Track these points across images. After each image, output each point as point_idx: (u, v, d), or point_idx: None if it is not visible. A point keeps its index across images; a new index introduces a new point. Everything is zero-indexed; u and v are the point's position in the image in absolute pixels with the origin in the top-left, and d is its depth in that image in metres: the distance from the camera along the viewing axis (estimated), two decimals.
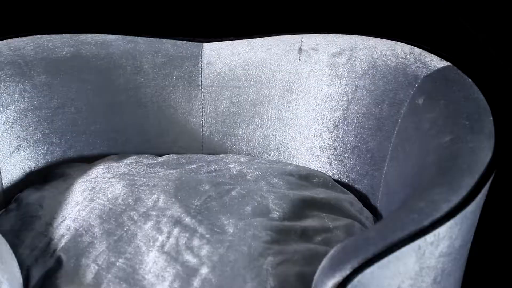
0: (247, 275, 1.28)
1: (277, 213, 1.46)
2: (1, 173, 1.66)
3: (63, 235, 1.42)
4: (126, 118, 1.78)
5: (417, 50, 1.61)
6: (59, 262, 1.35)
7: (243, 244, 1.35)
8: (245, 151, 1.78)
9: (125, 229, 1.40)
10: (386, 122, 1.58)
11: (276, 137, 1.74)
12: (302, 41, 1.72)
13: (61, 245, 1.39)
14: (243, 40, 1.79)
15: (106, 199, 1.49)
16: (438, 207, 1.19)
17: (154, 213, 1.44)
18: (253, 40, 1.78)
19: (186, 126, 1.79)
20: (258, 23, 2.17)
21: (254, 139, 1.76)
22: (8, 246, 1.28)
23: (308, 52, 1.71)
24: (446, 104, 1.43)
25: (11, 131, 1.67)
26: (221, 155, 1.74)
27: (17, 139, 1.68)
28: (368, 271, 1.12)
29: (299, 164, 1.71)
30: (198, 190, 1.51)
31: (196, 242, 1.36)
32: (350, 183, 1.66)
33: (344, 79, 1.65)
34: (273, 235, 1.38)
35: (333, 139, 1.67)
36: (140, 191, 1.50)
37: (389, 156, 1.56)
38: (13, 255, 1.29)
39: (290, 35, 1.77)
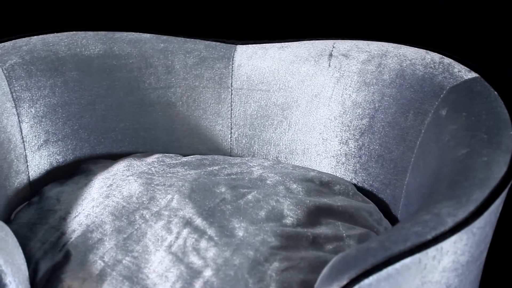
0: (250, 280, 1.27)
1: (291, 219, 1.44)
2: (28, 166, 1.68)
3: (74, 230, 1.43)
4: (155, 117, 1.79)
5: (447, 60, 1.58)
6: (66, 256, 1.36)
7: (250, 248, 1.34)
8: (272, 155, 1.76)
9: (136, 228, 1.41)
10: (410, 132, 1.55)
11: (303, 142, 1.72)
12: (333, 47, 1.70)
13: (71, 240, 1.40)
14: (275, 43, 1.78)
15: (121, 196, 1.50)
16: (443, 220, 1.16)
17: (166, 213, 1.44)
18: (285, 43, 1.77)
19: (215, 128, 1.79)
20: (292, 26, 2.16)
21: (281, 144, 1.75)
22: (15, 239, 1.30)
23: (338, 58, 1.69)
24: (467, 116, 1.39)
25: (40, 125, 1.69)
26: (246, 158, 1.74)
27: (45, 133, 1.70)
28: (366, 282, 1.10)
29: (324, 171, 1.69)
30: (214, 192, 1.50)
31: (203, 244, 1.35)
32: (373, 192, 1.63)
33: (372, 86, 1.63)
34: (282, 241, 1.37)
35: (358, 147, 1.64)
36: (156, 190, 1.51)
37: (411, 166, 1.53)
38: (20, 248, 1.31)
39: (322, 40, 1.75)
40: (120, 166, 1.64)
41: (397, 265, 1.12)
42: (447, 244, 1.15)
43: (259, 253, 1.33)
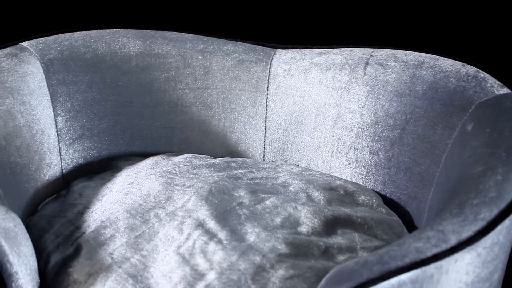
0: (252, 286, 1.26)
1: (306, 227, 1.43)
2: (62, 160, 1.71)
3: (89, 226, 1.44)
4: (190, 117, 1.79)
5: (482, 74, 1.53)
6: (77, 251, 1.38)
7: (258, 254, 1.33)
8: (304, 162, 1.75)
9: (149, 226, 1.41)
10: (438, 146, 1.51)
11: (334, 151, 1.70)
12: (371, 55, 1.68)
13: (84, 235, 1.42)
14: (314, 49, 1.77)
15: (139, 194, 1.51)
16: (446, 238, 1.13)
17: (180, 213, 1.44)
18: (324, 50, 1.76)
19: (249, 131, 1.79)
20: (334, 33, 2.13)
21: (313, 150, 1.73)
22: (24, 230, 1.31)
23: (374, 67, 1.66)
24: (490, 133, 1.35)
25: (75, 119, 1.72)
26: (277, 163, 1.72)
27: (80, 128, 1.73)
28: None
29: (354, 181, 1.67)
30: (232, 196, 1.50)
31: (211, 246, 1.35)
32: (401, 204, 1.60)
33: (405, 97, 1.59)
34: (293, 248, 1.35)
35: (388, 158, 1.61)
36: (174, 190, 1.51)
37: (436, 181, 1.49)
38: (29, 240, 1.32)
39: (361, 48, 1.73)
40: (146, 164, 1.66)
41: (393, 281, 1.09)
42: (447, 263, 1.11)
43: (266, 259, 1.31)
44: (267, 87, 1.77)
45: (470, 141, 1.39)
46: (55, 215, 1.51)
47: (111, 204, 1.49)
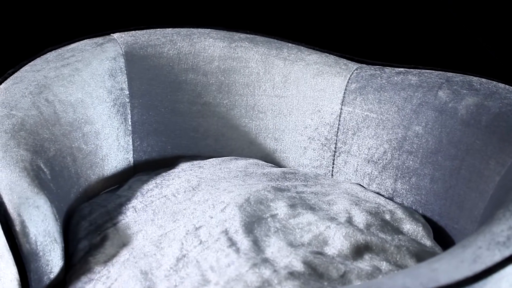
0: None
1: (333, 249, 1.40)
2: (134, 152, 1.76)
3: (120, 219, 1.48)
4: (265, 124, 1.82)
5: None
6: (102, 241, 1.42)
7: (270, 268, 1.31)
8: (374, 185, 1.70)
9: (176, 226, 1.43)
10: (488, 181, 1.43)
11: (400, 176, 1.65)
12: (446, 80, 1.61)
13: (113, 227, 1.45)
14: (394, 68, 1.72)
15: (181, 195, 1.53)
16: (437, 276, 1.08)
17: (211, 219, 1.44)
18: (404, 69, 1.71)
19: (310, 144, 1.76)
20: (413, 52, 2.07)
21: (383, 174, 1.68)
22: (50, 210, 1.36)
23: (446, 92, 1.59)
24: None
25: (151, 114, 1.77)
26: (338, 180, 1.69)
27: (155, 123, 1.78)
28: None
29: (413, 207, 1.61)
30: (268, 207, 1.49)
31: (227, 255, 1.34)
32: (452, 238, 1.54)
33: (469, 127, 1.52)
34: (309, 268, 1.33)
35: (446, 188, 1.54)
36: (215, 195, 1.52)
37: (480, 218, 1.42)
38: (54, 219, 1.36)
39: (439, 71, 1.67)
40: (205, 165, 1.68)
41: None
42: None
43: (276, 274, 1.30)
44: (342, 101, 1.73)
45: None
46: (99, 204, 1.55)
47: (150, 198, 1.52)
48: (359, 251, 1.40)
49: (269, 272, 1.30)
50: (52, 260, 1.33)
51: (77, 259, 1.40)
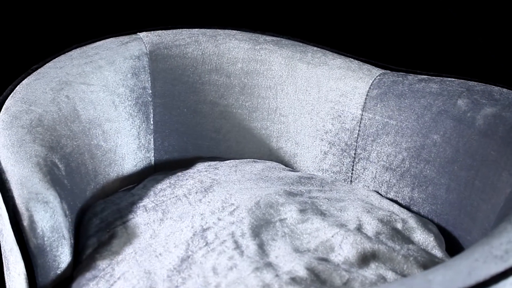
0: None
1: (339, 256, 1.39)
2: (154, 152, 1.77)
3: (130, 218, 1.49)
4: (286, 126, 1.81)
5: None
6: (110, 239, 1.43)
7: (272, 272, 1.31)
8: (391, 193, 1.69)
9: (184, 227, 1.43)
10: (499, 194, 1.41)
11: (418, 185, 1.63)
12: (467, 89, 1.59)
13: (122, 225, 1.47)
14: (417, 75, 1.70)
15: (193, 196, 1.53)
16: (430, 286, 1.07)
17: (220, 221, 1.45)
18: (426, 77, 1.69)
19: (331, 149, 1.76)
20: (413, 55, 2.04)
21: (401, 183, 1.67)
22: (59, 206, 1.37)
23: (465, 101, 1.57)
24: None
25: (173, 114, 1.78)
26: (356, 187, 1.68)
27: (176, 123, 1.78)
28: None
29: (428, 218, 1.60)
30: (278, 211, 1.48)
31: (231, 257, 1.35)
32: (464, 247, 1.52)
33: (485, 138, 1.49)
34: (311, 275, 1.32)
35: (460, 199, 1.52)
36: (225, 197, 1.52)
37: (491, 229, 1.40)
38: (64, 216, 1.38)
39: (461, 80, 1.64)
40: (221, 167, 1.68)
41: None
42: None
43: (277, 279, 1.29)
44: (363, 107, 1.72)
45: None
46: (113, 201, 1.57)
47: (162, 198, 1.53)
48: (365, 259, 1.39)
49: (271, 277, 1.30)
50: (60, 255, 1.35)
51: (85, 256, 1.41)
